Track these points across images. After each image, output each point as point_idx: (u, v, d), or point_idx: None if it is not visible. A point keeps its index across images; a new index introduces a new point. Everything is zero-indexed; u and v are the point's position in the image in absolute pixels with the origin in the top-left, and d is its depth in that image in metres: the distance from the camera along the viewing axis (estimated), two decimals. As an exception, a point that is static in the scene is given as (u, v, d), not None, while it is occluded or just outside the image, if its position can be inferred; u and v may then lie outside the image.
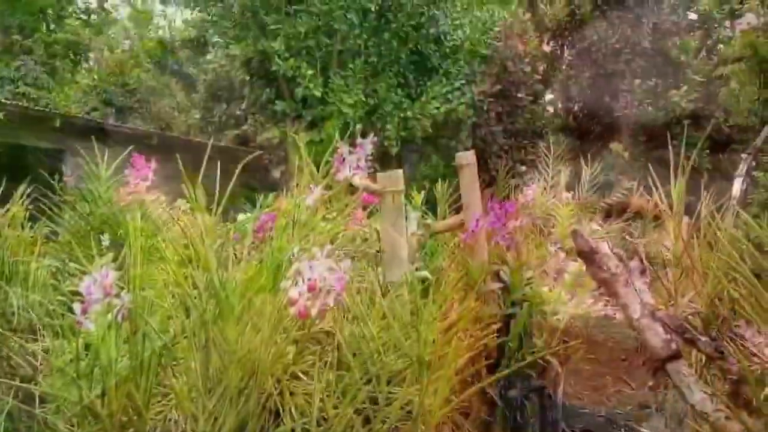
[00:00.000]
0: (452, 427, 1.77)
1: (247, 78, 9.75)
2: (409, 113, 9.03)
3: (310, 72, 8.37)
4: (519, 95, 10.42)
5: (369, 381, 1.21)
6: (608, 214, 6.35)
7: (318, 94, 8.34)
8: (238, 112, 11.34)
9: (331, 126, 8.09)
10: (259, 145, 9.43)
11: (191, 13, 15.73)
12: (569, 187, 4.66)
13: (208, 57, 12.08)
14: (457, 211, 2.68)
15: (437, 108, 9.11)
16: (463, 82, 9.48)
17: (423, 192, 3.58)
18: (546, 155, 4.25)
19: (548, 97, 14.05)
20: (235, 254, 1.37)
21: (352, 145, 1.47)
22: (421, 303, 1.71)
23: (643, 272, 1.27)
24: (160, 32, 15.80)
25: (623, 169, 10.62)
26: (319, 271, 1.01)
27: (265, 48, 8.95)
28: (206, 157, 1.42)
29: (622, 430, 3.96)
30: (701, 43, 11.65)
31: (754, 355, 1.05)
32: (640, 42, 11.14)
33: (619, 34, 11.18)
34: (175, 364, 1.18)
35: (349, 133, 1.51)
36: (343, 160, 1.46)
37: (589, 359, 5.74)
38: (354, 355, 1.28)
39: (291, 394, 1.28)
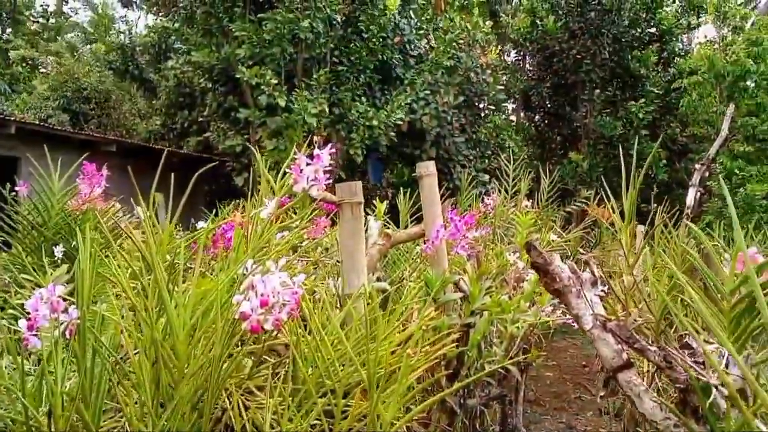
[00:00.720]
0: (411, 438, 1.77)
1: (210, 85, 9.65)
2: (374, 122, 9.05)
3: (274, 80, 8.33)
4: (481, 105, 10.56)
5: (325, 394, 1.20)
6: (569, 222, 6.46)
7: (282, 102, 8.30)
8: (200, 119, 11.19)
9: (295, 134, 8.06)
10: (222, 152, 9.33)
11: (154, 19, 15.54)
12: (530, 196, 4.74)
13: (170, 63, 11.90)
14: (420, 220, 2.69)
15: (401, 118, 9.16)
16: (428, 92, 9.56)
17: (386, 201, 3.60)
18: (507, 164, 4.31)
19: (511, 106, 14.26)
20: (188, 266, 1.35)
21: (310, 156, 1.47)
22: (379, 314, 1.71)
23: (594, 284, 1.29)
24: (122, 37, 15.54)
25: (582, 178, 10.83)
26: (272, 286, 1.01)
27: (229, 55, 8.88)
28: (161, 164, 1.40)
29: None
30: (659, 56, 11.97)
31: (690, 366, 1.08)
32: (600, 53, 11.40)
33: (580, 45, 11.42)
34: (127, 380, 1.16)
35: (307, 142, 1.51)
36: (301, 171, 1.46)
37: (551, 366, 5.84)
38: (311, 368, 1.28)
39: (247, 408, 1.27)
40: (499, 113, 11.53)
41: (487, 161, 10.34)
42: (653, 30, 12.34)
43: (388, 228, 3.11)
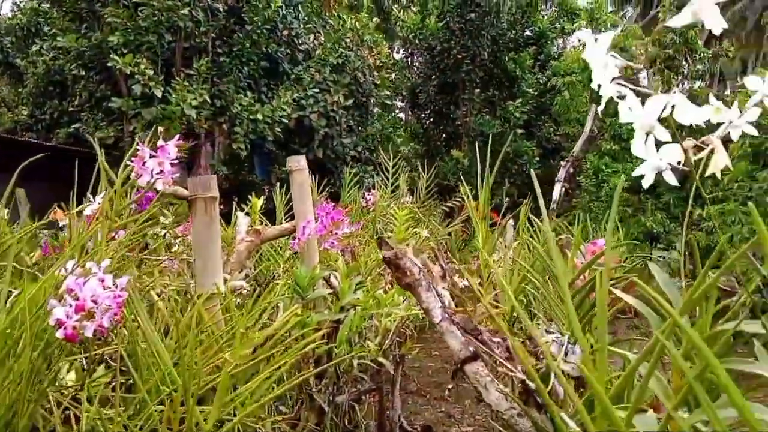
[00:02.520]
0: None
1: (82, 73, 9.01)
2: (258, 116, 8.83)
3: (150, 70, 7.91)
4: (369, 106, 10.59)
5: (163, 402, 1.12)
6: (449, 217, 6.64)
7: (159, 92, 7.90)
8: (71, 109, 10.42)
9: (173, 126, 7.70)
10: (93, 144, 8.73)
11: (22, 1, 14.27)
12: (412, 192, 4.83)
13: (35, 48, 10.99)
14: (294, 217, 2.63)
15: (288, 113, 9.01)
16: (317, 90, 9.46)
17: (263, 196, 3.51)
18: (386, 161, 4.36)
19: (399, 104, 14.46)
20: (16, 269, 1.22)
21: (154, 147, 1.38)
22: (235, 313, 1.65)
23: (443, 277, 1.31)
24: (-17, 18, 14.15)
25: (462, 174, 11.19)
26: (90, 289, 0.92)
27: (100, 42, 8.34)
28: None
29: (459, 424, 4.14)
30: (535, 58, 12.57)
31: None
32: (480, 54, 11.80)
33: (461, 46, 11.76)
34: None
35: (150, 133, 1.42)
36: (144, 163, 1.36)
37: (433, 357, 5.98)
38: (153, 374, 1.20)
39: (78, 420, 1.17)
40: (388, 111, 11.63)
41: (374, 155, 10.40)
42: (530, 33, 12.94)
43: (262, 224, 3.03)
